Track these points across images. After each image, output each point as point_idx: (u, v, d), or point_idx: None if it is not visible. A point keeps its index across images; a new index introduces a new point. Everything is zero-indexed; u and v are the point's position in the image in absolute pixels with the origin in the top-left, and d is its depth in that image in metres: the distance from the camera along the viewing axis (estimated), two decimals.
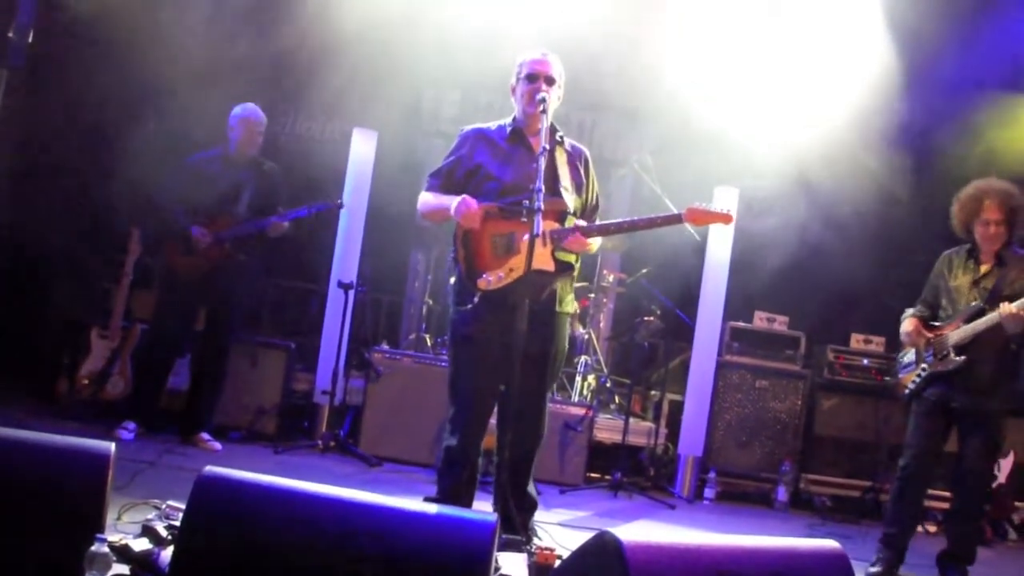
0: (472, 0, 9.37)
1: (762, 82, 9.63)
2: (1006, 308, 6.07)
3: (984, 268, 6.48)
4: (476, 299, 5.33)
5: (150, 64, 9.37)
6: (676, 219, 5.42)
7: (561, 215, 5.34)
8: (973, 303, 6.36)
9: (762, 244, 10.62)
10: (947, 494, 7.23)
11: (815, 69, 9.71)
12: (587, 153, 5.82)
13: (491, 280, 5.29)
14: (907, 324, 6.69)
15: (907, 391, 6.61)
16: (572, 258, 5.46)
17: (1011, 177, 7.23)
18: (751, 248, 9.86)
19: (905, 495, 6.54)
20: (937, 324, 6.56)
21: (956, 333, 6.33)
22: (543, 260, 5.21)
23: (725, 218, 5.48)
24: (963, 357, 6.28)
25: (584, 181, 5.69)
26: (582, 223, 5.44)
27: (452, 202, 5.37)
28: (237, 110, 7.98)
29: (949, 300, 6.56)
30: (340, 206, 8.31)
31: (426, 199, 5.63)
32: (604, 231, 5.53)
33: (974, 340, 6.27)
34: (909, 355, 6.71)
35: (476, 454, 5.57)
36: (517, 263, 5.25)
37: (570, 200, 5.46)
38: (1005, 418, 6.62)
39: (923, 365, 6.51)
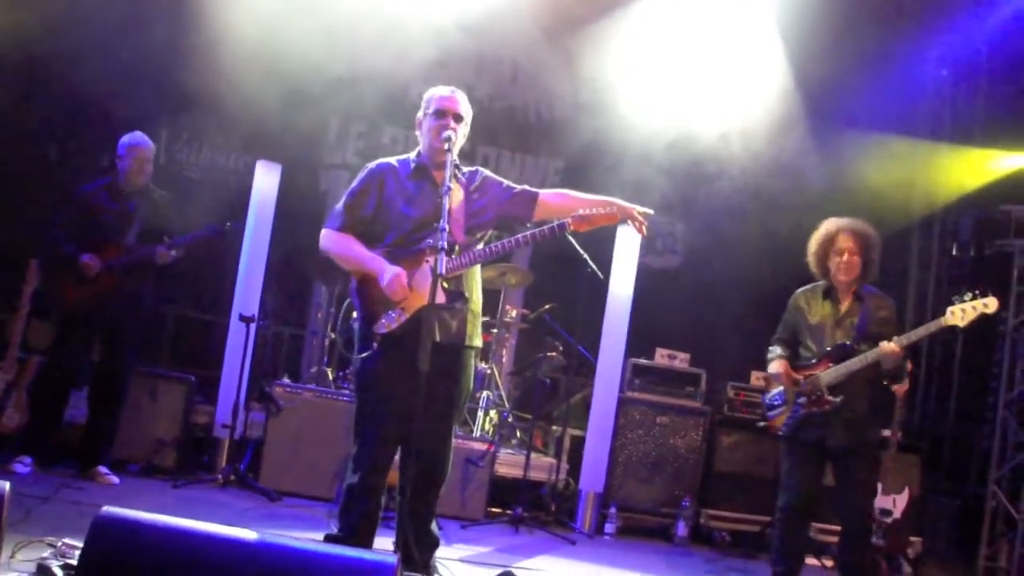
0: (383, 35, 9.40)
1: (664, 117, 9.79)
2: (887, 346, 6.19)
3: (843, 307, 6.59)
4: (375, 345, 5.34)
5: (53, 95, 9.31)
6: (561, 228, 5.39)
7: (449, 247, 5.33)
8: (839, 342, 6.49)
9: (664, 281, 10.77)
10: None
11: (716, 103, 9.90)
12: (481, 171, 5.80)
13: (384, 323, 5.30)
14: (777, 365, 6.69)
15: (780, 433, 6.66)
16: (465, 288, 5.47)
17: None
18: (653, 285, 9.97)
19: (787, 535, 6.59)
20: (803, 365, 6.64)
21: (828, 374, 6.40)
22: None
23: (611, 218, 5.46)
24: (841, 397, 6.37)
25: (482, 204, 5.68)
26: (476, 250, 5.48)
27: (383, 273, 5.31)
28: (125, 139, 7.90)
29: (813, 339, 6.63)
30: (226, 231, 8.11)
31: (340, 243, 5.54)
32: (491, 255, 5.49)
33: (847, 378, 6.38)
34: (774, 395, 6.74)
35: (380, 492, 5.54)
36: (409, 302, 5.28)
37: (458, 230, 5.47)
38: (879, 450, 6.74)
39: (794, 407, 6.56)
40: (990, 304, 6.26)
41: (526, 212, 5.69)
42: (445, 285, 5.21)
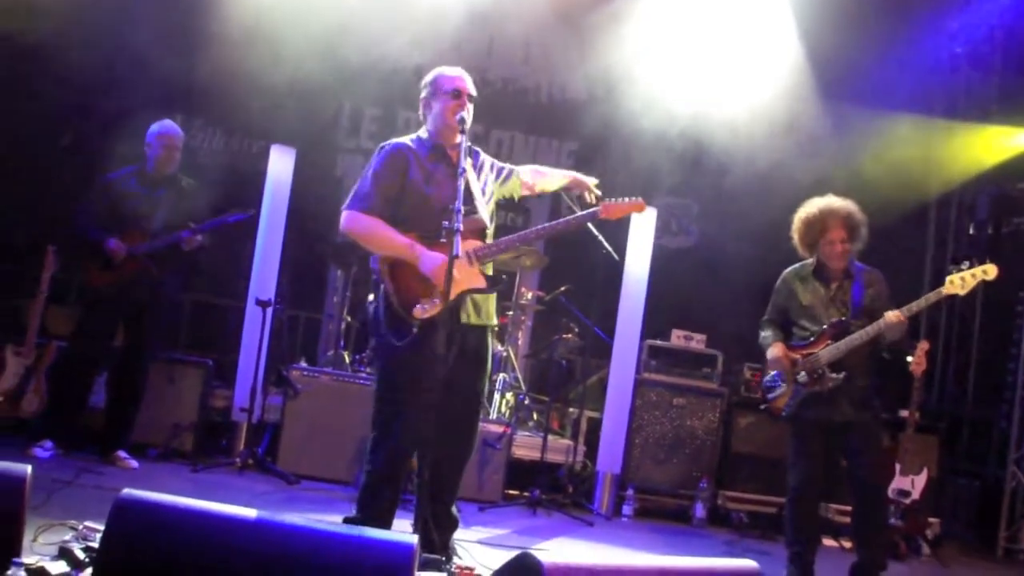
0: (396, 18, 9.39)
1: (679, 100, 9.74)
2: (892, 315, 6.21)
3: (834, 284, 6.64)
4: (415, 329, 5.19)
5: (67, 80, 9.29)
6: (592, 215, 5.53)
7: (481, 232, 5.32)
8: (834, 319, 6.50)
9: (679, 261, 10.73)
10: None
11: (732, 86, 9.86)
12: (480, 152, 5.83)
13: (426, 308, 5.16)
14: (776, 350, 6.70)
15: (783, 414, 6.67)
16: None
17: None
18: (669, 266, 9.94)
19: (800, 515, 6.60)
20: (800, 344, 6.65)
21: (828, 351, 6.42)
22: (474, 279, 5.26)
23: (638, 207, 5.62)
24: (843, 374, 6.38)
25: (487, 184, 5.71)
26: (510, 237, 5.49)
27: (427, 259, 5.21)
28: (154, 127, 7.93)
29: (808, 318, 6.65)
30: (251, 215, 8.19)
31: (371, 226, 5.37)
32: (524, 240, 5.58)
33: (847, 354, 6.39)
34: (772, 377, 6.75)
35: (402, 479, 5.52)
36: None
37: (485, 213, 5.47)
38: (884, 425, 6.73)
39: (795, 387, 6.57)
40: (989, 271, 6.27)
41: (515, 190, 5.89)
42: (486, 272, 5.35)
